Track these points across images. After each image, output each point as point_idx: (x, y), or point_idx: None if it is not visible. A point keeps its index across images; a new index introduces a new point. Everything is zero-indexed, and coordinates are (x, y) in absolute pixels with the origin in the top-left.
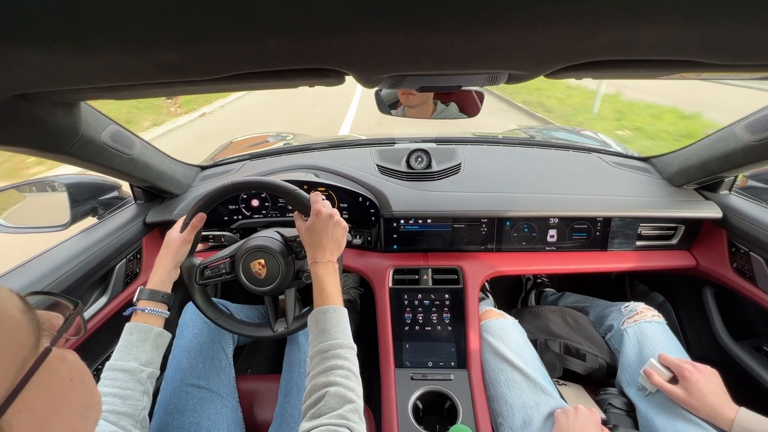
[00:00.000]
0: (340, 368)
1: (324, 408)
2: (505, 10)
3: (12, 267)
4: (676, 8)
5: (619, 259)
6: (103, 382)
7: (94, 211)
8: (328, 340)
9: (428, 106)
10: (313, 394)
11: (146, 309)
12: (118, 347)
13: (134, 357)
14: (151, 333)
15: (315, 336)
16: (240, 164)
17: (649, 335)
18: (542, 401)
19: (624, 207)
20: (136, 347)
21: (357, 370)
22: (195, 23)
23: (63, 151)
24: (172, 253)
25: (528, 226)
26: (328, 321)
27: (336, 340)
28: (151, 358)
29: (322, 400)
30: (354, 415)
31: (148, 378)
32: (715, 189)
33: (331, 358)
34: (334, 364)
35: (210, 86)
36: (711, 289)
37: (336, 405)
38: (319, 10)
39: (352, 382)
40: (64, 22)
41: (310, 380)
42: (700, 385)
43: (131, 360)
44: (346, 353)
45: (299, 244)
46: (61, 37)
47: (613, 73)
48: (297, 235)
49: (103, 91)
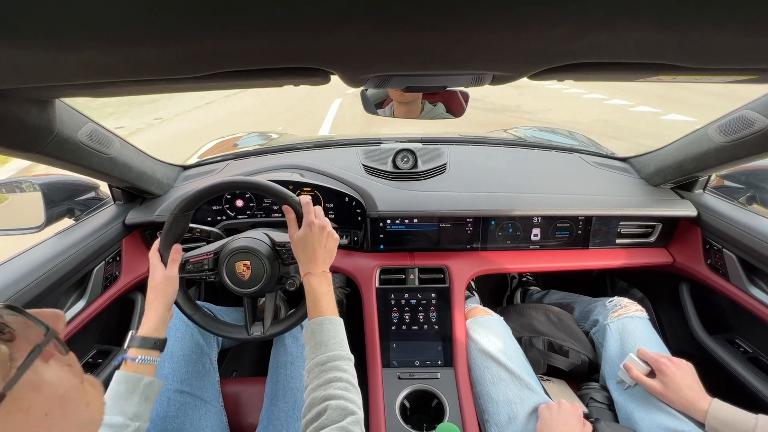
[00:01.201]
0: (339, 380)
1: (326, 422)
2: (490, 12)
3: None
4: (653, 13)
5: (600, 257)
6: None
7: (70, 212)
8: (325, 352)
9: (417, 105)
10: (313, 408)
11: (137, 358)
12: (107, 396)
13: (120, 410)
14: (140, 383)
15: (312, 348)
16: (224, 164)
17: (631, 330)
18: (527, 397)
19: (604, 206)
20: (123, 399)
21: (356, 381)
22: (177, 19)
23: (37, 150)
24: (161, 295)
25: (512, 225)
26: (325, 333)
27: (333, 352)
28: (138, 411)
29: (324, 414)
30: (356, 427)
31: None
32: (690, 188)
33: (330, 370)
34: (333, 376)
35: (193, 84)
36: (687, 285)
37: (338, 418)
38: (305, 8)
39: (352, 393)
40: (39, 16)
41: (308, 394)
42: (676, 379)
43: (117, 414)
44: (344, 365)
45: (288, 250)
46: (36, 31)
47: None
48: (287, 241)
49: (80, 89)
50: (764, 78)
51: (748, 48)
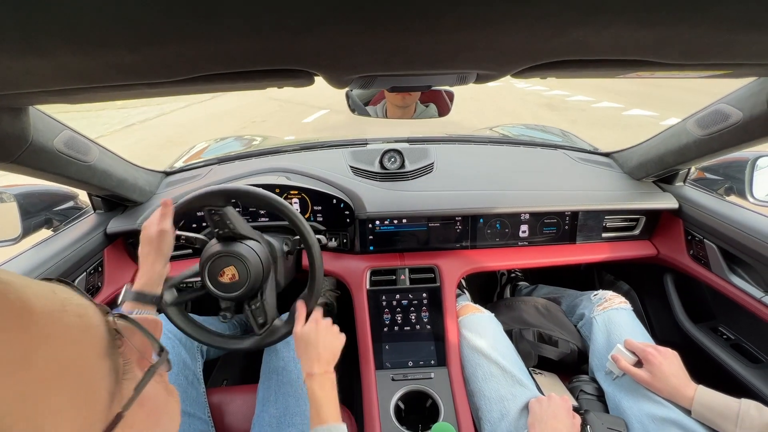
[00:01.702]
0: None
1: None
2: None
3: None
4: (630, 11)
5: (587, 251)
6: None
7: (48, 222)
8: None
9: (412, 108)
10: None
11: (132, 312)
12: None
13: None
14: None
15: None
16: (207, 169)
17: (617, 322)
18: (518, 393)
19: (589, 201)
20: None
21: None
22: (155, 22)
23: (11, 160)
24: (155, 249)
25: (500, 222)
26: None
27: None
28: None
29: None
30: None
31: None
32: (671, 181)
33: None
34: None
35: (172, 88)
36: (671, 276)
37: None
38: (286, 9)
39: None
40: (9, 20)
41: None
42: (663, 368)
43: None
44: None
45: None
46: (5, 36)
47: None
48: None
49: (54, 95)
50: (738, 73)
51: (722, 44)
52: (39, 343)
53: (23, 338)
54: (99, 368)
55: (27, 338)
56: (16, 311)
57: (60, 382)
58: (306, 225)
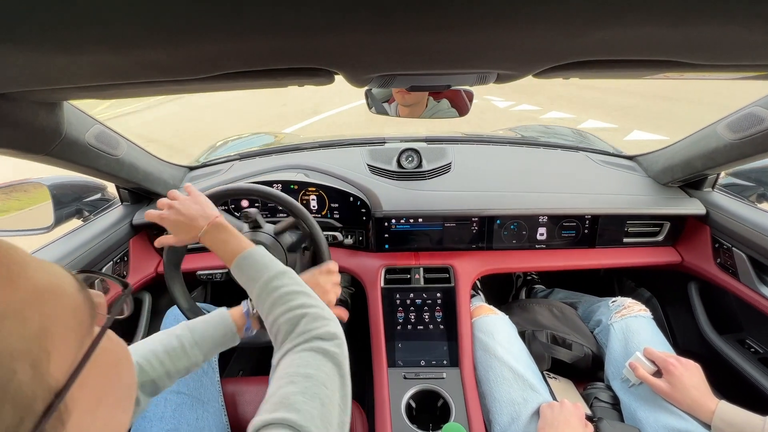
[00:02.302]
0: (278, 299)
1: (283, 337)
2: (493, 10)
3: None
4: (657, 9)
5: (607, 256)
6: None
7: (78, 213)
8: (255, 284)
9: (422, 104)
10: (272, 335)
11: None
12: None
13: (206, 354)
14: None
15: (247, 290)
16: (229, 164)
17: (635, 330)
18: (530, 398)
19: (611, 205)
20: (218, 347)
21: (299, 286)
22: (181, 22)
23: (46, 152)
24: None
25: (517, 224)
26: (246, 269)
27: (261, 279)
28: (210, 358)
29: (279, 333)
30: (314, 323)
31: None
32: (698, 186)
33: (266, 296)
34: (271, 299)
35: (197, 85)
36: (696, 285)
37: (291, 327)
38: (308, 9)
39: (296, 299)
40: (47, 21)
41: (267, 324)
42: (683, 379)
43: (203, 355)
44: (276, 282)
45: (294, 237)
46: (44, 35)
47: (599, 73)
48: (285, 228)
49: (87, 91)
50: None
51: (755, 44)
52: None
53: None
54: (77, 296)
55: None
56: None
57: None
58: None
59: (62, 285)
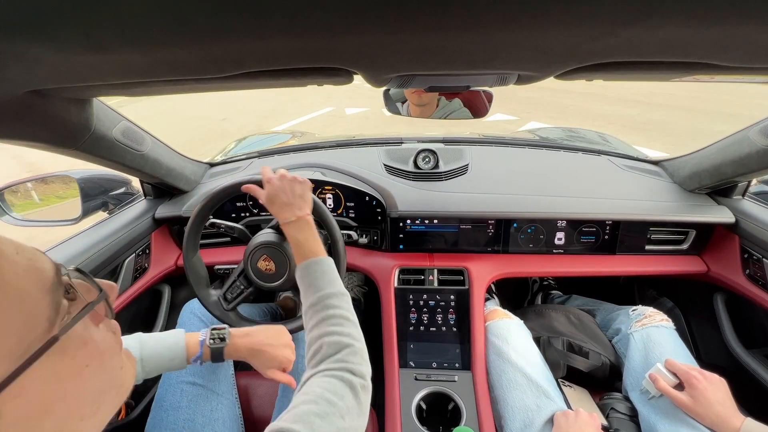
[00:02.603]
0: (332, 317)
1: (322, 357)
2: (515, 10)
3: None
4: (689, 8)
5: (628, 263)
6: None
7: (104, 205)
8: (316, 293)
9: (433, 104)
10: (311, 348)
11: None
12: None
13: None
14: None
15: (303, 292)
16: (248, 162)
17: (656, 340)
18: (544, 405)
19: (634, 210)
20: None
21: (352, 315)
22: (205, 22)
23: (75, 147)
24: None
25: (535, 228)
26: (312, 274)
27: (323, 291)
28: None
29: (320, 352)
30: (354, 357)
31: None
32: (728, 194)
33: (322, 309)
34: (325, 315)
35: (219, 84)
36: (722, 296)
37: (333, 351)
38: (328, 9)
39: (347, 327)
40: (77, 20)
41: (307, 336)
42: (707, 393)
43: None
44: (336, 302)
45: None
46: (75, 34)
47: (624, 75)
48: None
49: (115, 88)
50: None
51: None
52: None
53: None
54: (40, 299)
55: None
56: None
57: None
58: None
59: (23, 286)
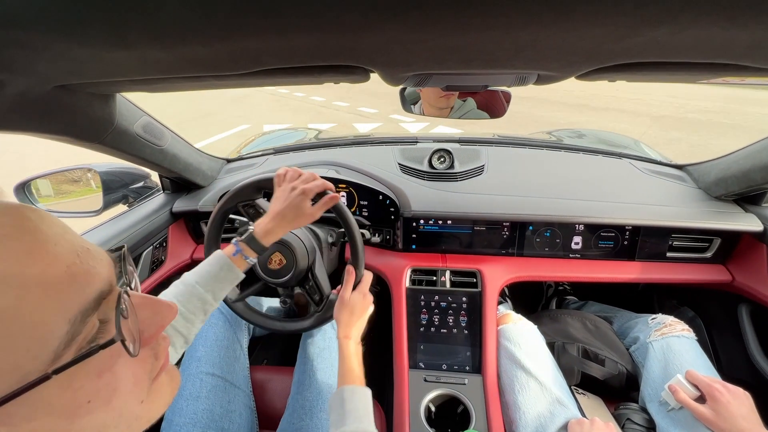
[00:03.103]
0: None
1: None
2: (537, 8)
3: None
4: (720, 8)
5: (648, 270)
6: (174, 293)
7: (125, 198)
8: (354, 422)
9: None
10: None
11: (240, 250)
12: (204, 271)
13: (212, 291)
14: (234, 276)
15: (339, 416)
16: (264, 158)
17: (677, 350)
18: (557, 412)
19: (655, 216)
20: (220, 282)
21: None
22: (224, 20)
23: (98, 141)
24: (292, 220)
25: (551, 231)
26: (356, 402)
27: (362, 425)
28: (221, 296)
29: None
30: None
31: (209, 311)
32: (756, 201)
33: None
34: None
35: (238, 81)
36: (747, 307)
37: None
38: (346, 7)
39: None
40: (105, 18)
41: None
42: (731, 407)
43: (209, 292)
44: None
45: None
46: (102, 32)
47: (649, 76)
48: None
49: (137, 84)
50: None
51: None
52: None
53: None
54: (54, 323)
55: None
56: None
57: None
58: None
59: (42, 314)
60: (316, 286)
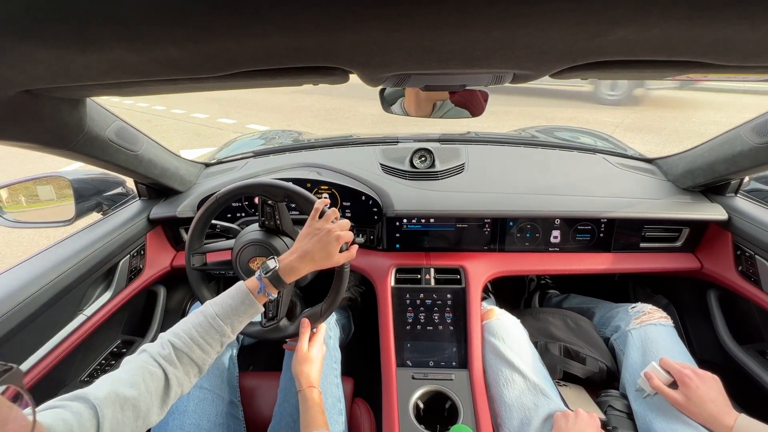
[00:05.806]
0: None
1: None
2: (510, 9)
3: (16, 263)
4: (683, 8)
5: (623, 261)
6: (193, 323)
7: (98, 206)
8: None
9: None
10: None
11: (264, 287)
12: (227, 304)
13: (231, 324)
14: (255, 312)
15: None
16: (244, 162)
17: (654, 338)
18: (541, 403)
19: (628, 208)
20: (239, 316)
21: None
22: (199, 21)
23: (68, 147)
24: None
25: (531, 226)
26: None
27: None
28: (239, 329)
29: None
30: None
31: (226, 345)
32: (721, 191)
33: None
34: None
35: (215, 83)
36: (715, 292)
37: None
38: (323, 8)
39: None
40: (70, 19)
41: None
42: (700, 392)
43: (228, 325)
44: None
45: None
46: (67, 33)
47: (619, 74)
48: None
49: (109, 88)
50: None
51: None
52: None
53: None
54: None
55: None
56: None
57: None
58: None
59: None
60: (276, 304)
